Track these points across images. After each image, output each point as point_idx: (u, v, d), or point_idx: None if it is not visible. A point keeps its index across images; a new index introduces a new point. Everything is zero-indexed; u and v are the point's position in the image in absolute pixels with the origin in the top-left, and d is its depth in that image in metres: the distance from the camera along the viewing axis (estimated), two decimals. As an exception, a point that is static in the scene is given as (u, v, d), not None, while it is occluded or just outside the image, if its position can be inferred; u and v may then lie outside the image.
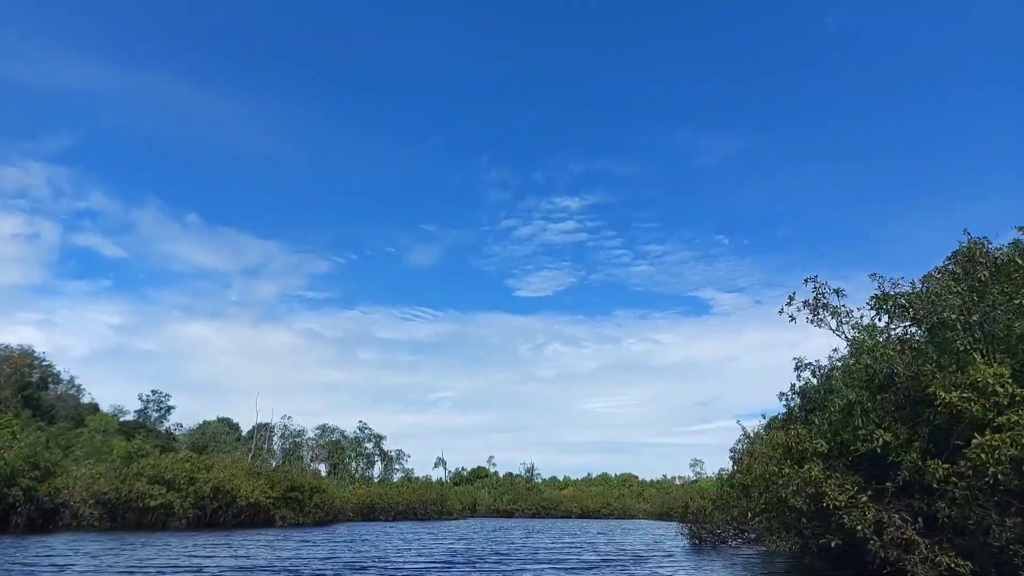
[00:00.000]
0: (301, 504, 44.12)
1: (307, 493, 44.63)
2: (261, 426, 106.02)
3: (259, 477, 44.05)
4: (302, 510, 44.06)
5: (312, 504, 44.86)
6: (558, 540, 33.40)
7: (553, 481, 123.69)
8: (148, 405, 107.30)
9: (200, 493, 37.15)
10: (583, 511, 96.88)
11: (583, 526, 58.74)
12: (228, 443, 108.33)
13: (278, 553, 23.52)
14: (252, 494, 39.37)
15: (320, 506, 45.63)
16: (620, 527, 57.90)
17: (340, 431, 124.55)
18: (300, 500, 44.11)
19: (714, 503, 31.06)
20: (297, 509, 43.92)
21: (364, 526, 46.62)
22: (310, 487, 45.33)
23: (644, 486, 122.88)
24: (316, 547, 26.66)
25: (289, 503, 43.68)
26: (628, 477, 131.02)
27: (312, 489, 45.35)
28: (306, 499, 44.47)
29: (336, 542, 29.89)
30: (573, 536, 38.90)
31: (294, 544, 27.86)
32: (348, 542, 30.09)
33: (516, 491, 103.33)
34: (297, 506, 43.95)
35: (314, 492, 45.32)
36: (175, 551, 23.28)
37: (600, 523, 71.92)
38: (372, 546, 27.99)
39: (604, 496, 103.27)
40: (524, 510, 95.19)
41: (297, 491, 44.11)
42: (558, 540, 33.40)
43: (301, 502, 44.17)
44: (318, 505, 45.44)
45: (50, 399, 75.23)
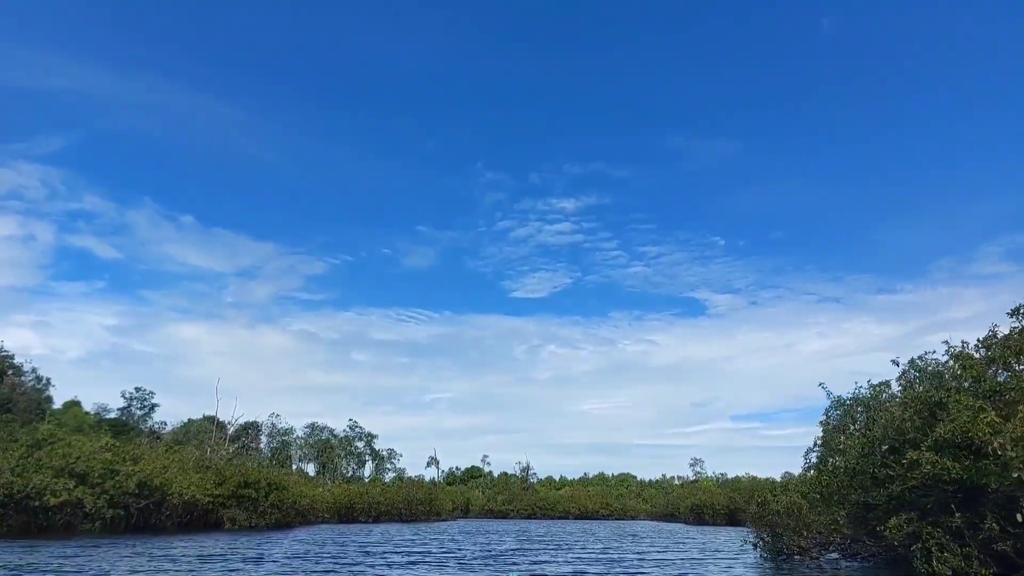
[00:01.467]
0: (255, 504, 35.94)
1: (262, 490, 36.42)
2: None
3: (206, 471, 35.99)
4: (255, 510, 35.86)
5: (268, 504, 36.56)
6: (581, 555, 24.41)
7: (549, 481, 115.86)
8: (132, 403, 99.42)
9: (121, 489, 28.97)
10: (581, 512, 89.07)
11: (585, 528, 50.51)
12: (212, 441, 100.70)
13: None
14: (188, 490, 31.22)
15: (278, 506, 37.06)
16: (628, 529, 49.50)
17: (330, 430, 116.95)
18: (254, 499, 35.92)
19: (810, 499, 20.03)
20: (251, 509, 35.70)
21: (335, 529, 38.51)
22: (267, 483, 36.94)
23: (643, 486, 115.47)
24: (208, 560, 18.57)
25: (241, 502, 35.52)
26: (626, 477, 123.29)
27: (270, 486, 37.02)
28: (260, 497, 36.24)
29: (245, 552, 21.72)
30: (586, 543, 30.54)
31: (194, 556, 19.76)
32: (281, 553, 21.95)
33: (511, 491, 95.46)
34: (251, 506, 35.76)
35: (272, 489, 37.00)
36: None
37: (602, 525, 63.52)
38: (297, 560, 19.83)
39: (603, 496, 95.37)
40: (519, 511, 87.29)
41: (251, 488, 35.94)
42: (581, 555, 24.41)
43: (256, 501, 35.99)
44: (275, 505, 36.85)
45: (3, 391, 66.84)
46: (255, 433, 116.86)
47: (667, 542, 31.27)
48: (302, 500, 41.27)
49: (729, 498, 62.21)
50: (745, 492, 63.02)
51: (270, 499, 36.36)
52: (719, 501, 61.74)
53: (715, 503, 61.65)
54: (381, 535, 32.75)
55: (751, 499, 64.78)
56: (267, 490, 36.53)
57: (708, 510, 61.88)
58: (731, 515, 62.07)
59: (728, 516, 62.01)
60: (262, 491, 36.17)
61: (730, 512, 62.14)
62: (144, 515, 30.71)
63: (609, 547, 26.95)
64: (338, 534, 32.70)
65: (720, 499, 61.91)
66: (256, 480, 36.31)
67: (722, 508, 61.74)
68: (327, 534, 32.37)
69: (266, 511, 36.17)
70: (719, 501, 61.74)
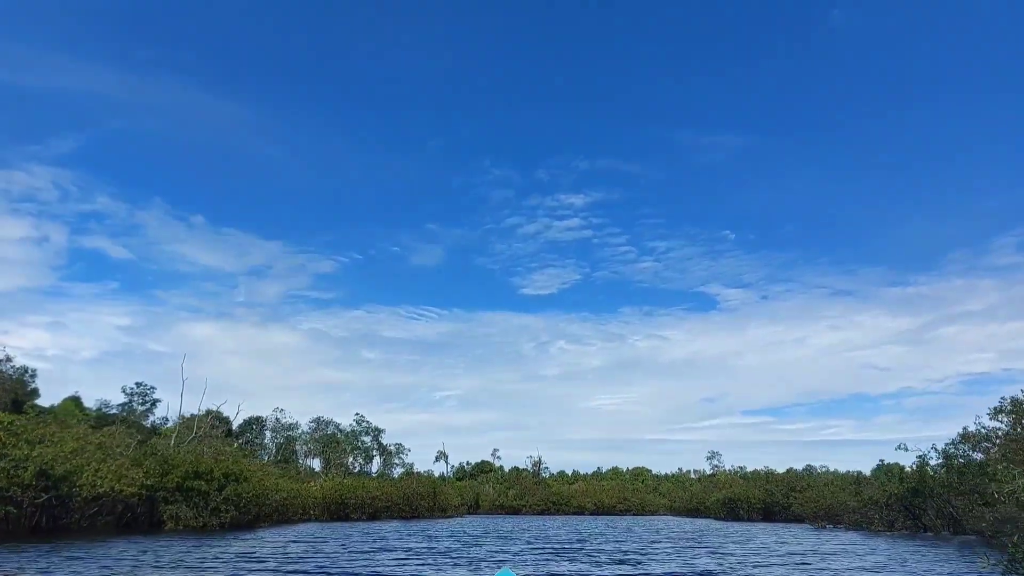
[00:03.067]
0: (206, 498, 28.11)
1: (215, 482, 28.46)
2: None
3: (151, 459, 28.12)
4: (206, 507, 27.95)
5: (222, 499, 28.27)
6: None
7: (562, 476, 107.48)
8: (133, 398, 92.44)
9: (12, 480, 21.18)
10: (597, 507, 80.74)
11: (613, 525, 42.20)
12: (214, 436, 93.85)
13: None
14: (105, 482, 23.36)
15: (235, 501, 28.70)
16: (667, 528, 41.05)
17: (335, 424, 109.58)
18: (205, 492, 28.05)
19: None
20: (200, 506, 27.81)
21: (312, 528, 30.61)
22: (222, 474, 28.83)
23: (659, 480, 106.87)
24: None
25: (189, 497, 27.60)
26: (641, 471, 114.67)
27: (226, 477, 28.90)
28: (212, 491, 28.34)
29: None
30: (649, 549, 22.32)
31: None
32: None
33: (523, 486, 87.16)
34: (201, 501, 27.87)
35: (229, 481, 28.96)
36: None
37: (625, 521, 55.09)
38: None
39: (619, 490, 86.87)
40: (532, 506, 79.14)
41: (202, 479, 28.01)
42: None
43: (207, 495, 28.17)
44: (232, 500, 28.47)
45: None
46: (259, 428, 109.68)
47: (765, 545, 23.00)
48: (273, 495, 33.33)
49: (765, 491, 53.72)
50: (782, 485, 54.57)
51: (224, 493, 28.18)
52: (754, 495, 53.24)
53: (750, 497, 53.15)
54: (360, 538, 24.69)
55: (790, 493, 56.40)
56: (221, 482, 28.42)
57: (743, 505, 53.40)
58: (766, 510, 53.70)
59: (763, 511, 53.62)
60: (215, 483, 28.09)
61: (766, 507, 53.75)
62: (52, 513, 22.87)
63: (697, 554, 18.78)
64: (301, 536, 24.79)
65: (755, 493, 53.41)
66: (208, 470, 28.24)
67: (758, 502, 53.28)
68: (287, 536, 24.47)
69: (219, 508, 28.03)
70: (754, 495, 53.24)
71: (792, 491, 52.93)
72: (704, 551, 19.83)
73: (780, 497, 52.77)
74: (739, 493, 53.86)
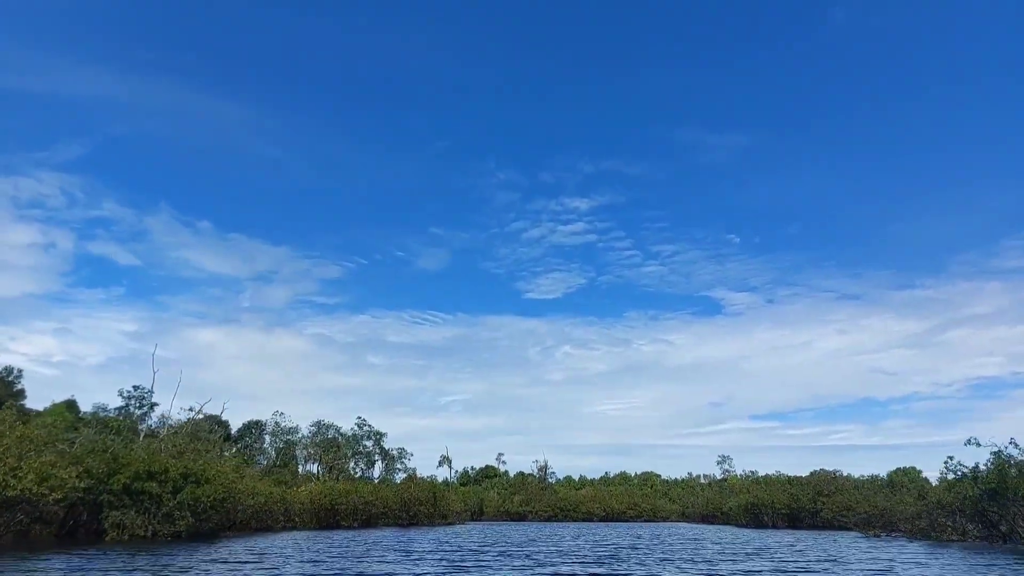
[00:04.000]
0: (160, 502, 23.46)
1: (169, 483, 23.86)
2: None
3: (100, 456, 23.58)
4: (157, 513, 23.32)
5: (175, 503, 23.44)
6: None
7: (568, 481, 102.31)
8: (130, 402, 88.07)
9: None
10: (607, 513, 75.72)
11: (637, 534, 37.35)
12: (211, 441, 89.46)
13: None
14: (21, 483, 18.77)
15: (192, 506, 23.89)
16: (699, 537, 36.09)
17: (336, 428, 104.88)
18: (157, 496, 23.42)
19: None
20: (152, 511, 23.21)
21: (283, 539, 26.05)
22: (179, 474, 24.16)
23: (669, 485, 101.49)
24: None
25: (138, 501, 22.98)
26: (650, 476, 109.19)
27: (184, 477, 24.28)
28: (165, 495, 23.76)
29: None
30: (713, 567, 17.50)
31: None
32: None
33: (528, 491, 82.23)
34: (152, 506, 23.24)
35: (188, 482, 24.33)
36: None
37: (643, 529, 50.10)
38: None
39: (629, 496, 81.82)
40: (538, 513, 74.15)
41: (155, 480, 23.39)
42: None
43: (159, 499, 23.55)
44: (188, 505, 23.63)
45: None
46: (259, 433, 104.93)
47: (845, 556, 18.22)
48: (248, 500, 28.69)
49: (790, 496, 48.70)
50: (808, 490, 49.54)
51: (179, 497, 23.59)
52: (779, 500, 48.22)
53: (775, 502, 48.14)
54: (331, 550, 20.00)
55: (817, 498, 51.36)
56: (178, 483, 23.81)
57: (767, 510, 48.38)
58: (792, 516, 48.71)
59: (788, 517, 48.63)
60: (169, 484, 23.49)
61: (791, 512, 48.75)
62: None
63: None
64: (256, 547, 20.19)
65: (780, 497, 48.39)
66: (161, 469, 23.65)
67: (783, 508, 48.28)
68: (241, 547, 19.87)
69: (172, 513, 23.46)
70: (779, 500, 48.22)
71: (820, 495, 47.99)
72: (789, 568, 15.09)
73: (807, 502, 47.82)
74: (762, 498, 48.83)
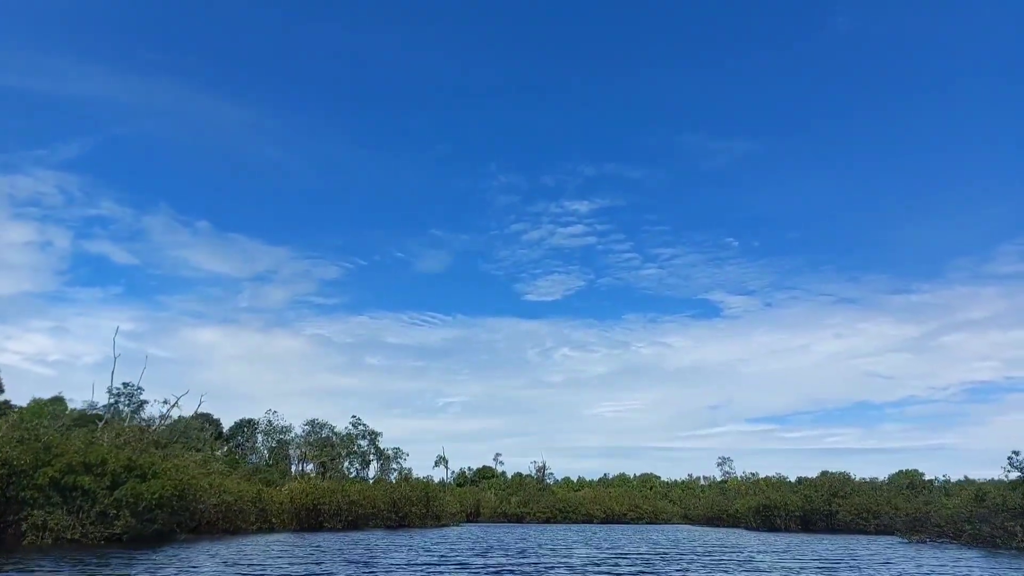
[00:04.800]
0: (93, 500, 19.89)
1: (107, 478, 20.13)
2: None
3: (11, 447, 19.96)
4: (90, 512, 19.61)
5: (111, 500, 19.68)
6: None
7: (567, 482, 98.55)
8: (118, 399, 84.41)
9: None
10: (607, 515, 71.92)
11: (649, 538, 33.72)
12: (201, 440, 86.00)
13: None
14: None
15: (131, 505, 20.02)
16: (717, 541, 32.45)
17: (330, 427, 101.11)
18: (91, 492, 19.81)
19: None
20: (85, 509, 19.53)
21: (246, 544, 22.45)
22: (122, 467, 20.35)
23: (669, 487, 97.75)
24: None
25: (70, 498, 19.31)
26: (649, 477, 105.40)
27: (129, 470, 20.62)
28: (100, 491, 20.09)
29: None
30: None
31: None
32: None
33: (526, 492, 78.49)
34: (87, 503, 19.59)
35: (132, 475, 20.57)
36: None
37: (650, 532, 46.38)
38: None
39: (629, 497, 78.09)
40: (536, 514, 70.36)
41: (92, 473, 19.73)
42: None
43: (93, 496, 19.88)
44: (127, 503, 19.92)
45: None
46: (251, 432, 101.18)
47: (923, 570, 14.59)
48: (210, 498, 25.09)
49: (804, 498, 45.06)
50: (822, 491, 45.91)
51: (117, 493, 19.92)
52: (793, 502, 44.55)
53: (788, 504, 44.47)
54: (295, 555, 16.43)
55: (832, 500, 47.69)
56: (118, 477, 20.17)
57: (780, 512, 44.71)
58: (805, 519, 45.08)
59: (801, 520, 45.00)
60: (106, 479, 19.86)
61: (804, 515, 45.12)
62: None
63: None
64: (198, 554, 16.63)
65: (793, 499, 44.72)
66: (98, 461, 20.03)
67: (796, 510, 44.65)
68: (176, 555, 16.30)
69: (108, 512, 19.84)
70: (793, 502, 44.55)
71: (835, 497, 44.39)
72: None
73: (820, 504, 44.22)
74: (774, 500, 45.15)
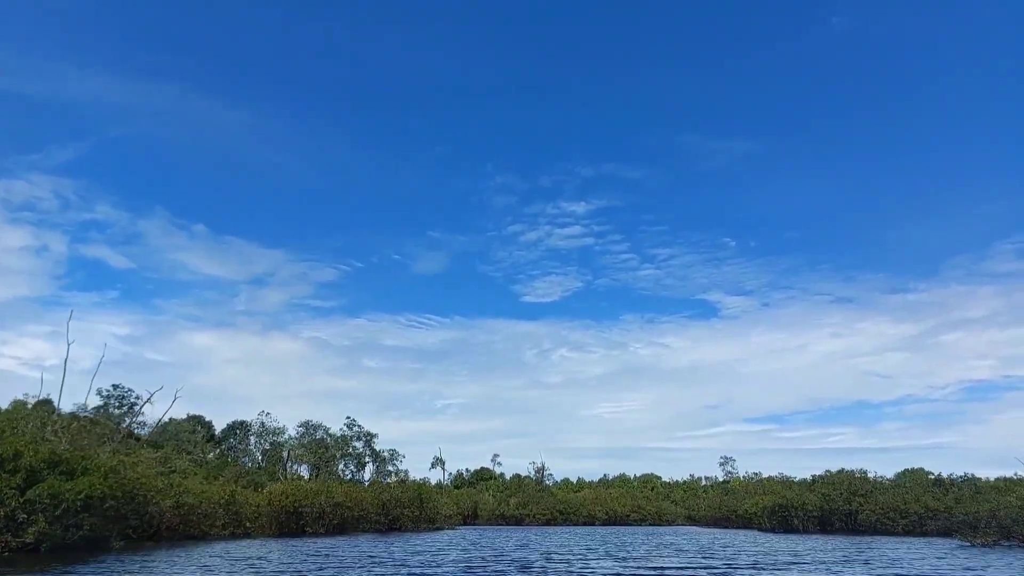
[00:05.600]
0: (27, 503, 15.69)
1: (19, 475, 15.90)
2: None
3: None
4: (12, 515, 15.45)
5: (22, 502, 15.77)
6: None
7: (566, 483, 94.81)
8: (109, 401, 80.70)
9: None
10: (609, 516, 68.30)
11: (670, 542, 30.09)
12: (192, 442, 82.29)
13: None
14: None
15: (43, 505, 16.19)
16: (747, 545, 28.75)
17: (325, 428, 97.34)
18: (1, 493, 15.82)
19: None
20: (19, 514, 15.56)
21: (205, 553, 18.85)
22: (40, 460, 16.28)
23: (670, 488, 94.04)
24: None
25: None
26: (650, 478, 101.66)
27: (49, 466, 16.47)
28: (8, 490, 16.02)
29: None
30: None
31: None
32: None
33: (525, 493, 74.79)
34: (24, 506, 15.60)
35: (53, 472, 16.36)
36: None
37: (664, 535, 42.63)
38: None
39: (632, 498, 74.40)
40: (536, 516, 66.68)
41: (3, 468, 15.85)
42: None
43: (1, 496, 15.87)
44: (38, 504, 15.87)
45: None
46: (244, 434, 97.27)
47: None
48: (162, 501, 21.52)
49: (823, 497, 41.49)
50: (841, 490, 42.31)
51: (30, 494, 16.13)
52: (811, 501, 40.99)
53: (806, 504, 40.90)
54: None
55: (852, 499, 44.09)
56: (39, 474, 16.50)
57: (797, 512, 41.11)
58: (823, 519, 41.52)
59: (820, 520, 41.45)
60: (19, 476, 16.10)
61: (822, 515, 41.55)
62: None
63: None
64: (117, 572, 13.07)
65: (811, 499, 41.15)
66: (11, 454, 16.28)
67: (815, 510, 41.09)
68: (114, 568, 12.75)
69: (17, 516, 16.08)
70: (811, 501, 40.99)
71: (855, 496, 40.84)
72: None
73: (840, 503, 40.68)
74: (791, 499, 41.52)
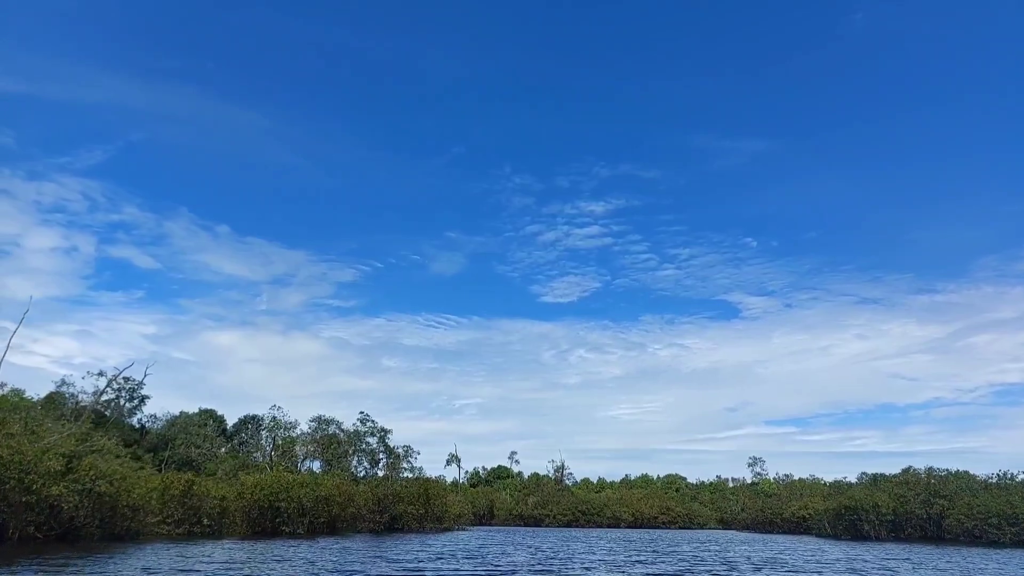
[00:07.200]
0: None
1: None
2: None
3: None
4: None
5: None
6: None
7: (586, 483, 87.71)
8: (119, 394, 75.96)
9: None
10: (635, 518, 61.20)
11: (724, 551, 23.19)
12: (202, 436, 77.14)
13: None
14: None
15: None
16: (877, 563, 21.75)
17: (337, 423, 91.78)
18: None
19: None
20: None
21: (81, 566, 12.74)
22: None
23: (697, 489, 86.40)
24: None
25: None
26: (674, 479, 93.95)
27: None
28: None
29: None
30: None
31: None
32: None
33: (544, 493, 68.00)
34: None
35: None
36: None
37: (701, 540, 35.54)
38: None
39: (659, 499, 67.11)
40: (556, 517, 59.82)
41: None
42: None
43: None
44: None
45: None
46: (255, 428, 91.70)
47: None
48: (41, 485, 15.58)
49: (897, 498, 34.21)
50: (919, 491, 34.94)
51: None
52: (884, 503, 33.73)
53: (879, 506, 33.63)
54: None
55: (933, 501, 36.59)
56: None
57: (869, 517, 33.88)
58: (896, 524, 34.19)
59: (893, 526, 34.13)
60: None
61: (895, 519, 34.23)
62: None
63: None
64: None
65: (885, 501, 33.87)
66: None
67: (888, 513, 33.81)
68: None
69: None
70: (884, 503, 33.73)
71: (937, 497, 33.47)
72: None
73: (917, 507, 33.38)
74: (861, 501, 34.22)
